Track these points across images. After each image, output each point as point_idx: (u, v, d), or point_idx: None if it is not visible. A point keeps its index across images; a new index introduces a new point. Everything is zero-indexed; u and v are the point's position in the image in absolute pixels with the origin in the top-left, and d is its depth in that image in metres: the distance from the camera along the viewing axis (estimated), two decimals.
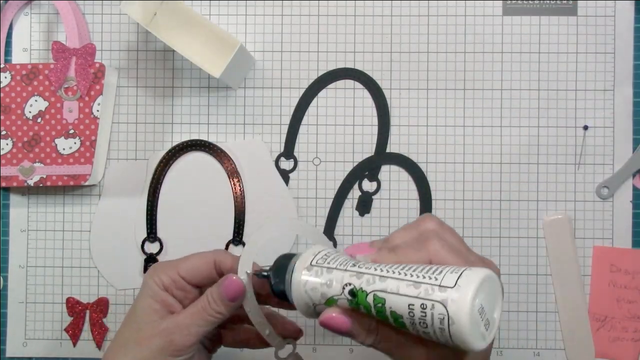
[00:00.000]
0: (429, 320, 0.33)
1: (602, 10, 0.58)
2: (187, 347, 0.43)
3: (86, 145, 0.56)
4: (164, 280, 0.45)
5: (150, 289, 0.45)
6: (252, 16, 0.59)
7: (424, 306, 0.33)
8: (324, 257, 0.39)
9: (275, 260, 0.42)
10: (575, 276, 0.57)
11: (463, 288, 0.32)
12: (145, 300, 0.45)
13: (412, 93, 0.58)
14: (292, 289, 0.39)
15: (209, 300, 0.44)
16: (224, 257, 0.46)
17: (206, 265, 0.46)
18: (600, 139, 0.58)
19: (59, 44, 0.56)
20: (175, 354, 0.43)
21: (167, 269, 0.45)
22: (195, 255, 0.46)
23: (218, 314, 0.44)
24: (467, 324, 0.32)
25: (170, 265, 0.46)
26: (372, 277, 0.36)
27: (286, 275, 0.40)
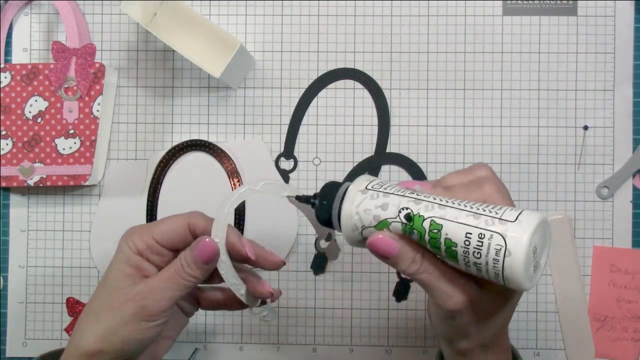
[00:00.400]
0: (485, 250, 0.34)
1: (602, 10, 0.58)
2: (161, 311, 0.43)
3: (86, 145, 0.56)
4: (138, 245, 0.44)
5: (123, 253, 0.44)
6: (252, 16, 0.59)
7: (482, 236, 0.34)
8: (380, 184, 0.39)
9: (322, 186, 0.41)
10: (575, 276, 0.57)
11: (524, 223, 0.33)
12: (119, 265, 0.44)
13: (412, 93, 0.58)
14: (342, 209, 0.39)
15: (182, 263, 0.43)
16: (197, 219, 0.45)
17: (180, 227, 0.45)
18: (600, 139, 0.58)
19: (59, 44, 0.56)
20: (148, 318, 0.42)
21: (142, 233, 0.44)
22: (169, 218, 0.45)
23: (192, 278, 0.43)
24: (522, 257, 0.33)
25: (144, 228, 0.45)
26: (430, 204, 0.36)
27: (336, 198, 0.39)
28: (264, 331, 0.58)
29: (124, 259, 0.44)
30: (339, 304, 0.58)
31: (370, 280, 0.58)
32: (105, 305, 0.43)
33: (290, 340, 0.58)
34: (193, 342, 0.59)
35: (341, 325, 0.58)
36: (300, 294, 0.58)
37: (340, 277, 0.58)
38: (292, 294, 0.58)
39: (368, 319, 0.58)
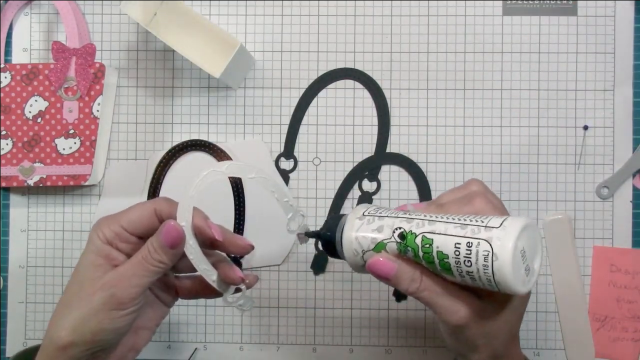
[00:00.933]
0: (474, 258, 0.35)
1: (602, 10, 0.58)
2: (131, 299, 0.42)
3: (86, 145, 0.56)
4: (107, 234, 0.44)
5: (92, 244, 0.44)
6: (252, 16, 0.59)
7: (470, 244, 0.35)
8: (376, 209, 0.41)
9: (325, 220, 0.44)
10: (575, 276, 0.57)
11: (508, 228, 0.35)
12: (88, 256, 0.44)
13: (412, 93, 0.58)
14: (343, 238, 0.41)
15: (149, 249, 0.43)
16: (163, 205, 0.45)
17: (147, 214, 0.45)
18: (600, 139, 0.58)
19: (59, 44, 0.56)
20: (119, 307, 0.42)
21: (110, 222, 0.44)
22: (136, 206, 0.45)
23: (160, 263, 0.43)
24: (509, 259, 0.34)
25: (112, 218, 0.45)
26: (421, 221, 0.38)
27: (337, 227, 0.42)
28: (264, 331, 0.58)
29: (93, 250, 0.44)
30: (339, 304, 0.58)
31: (370, 280, 0.58)
32: (75, 297, 0.43)
33: (290, 340, 0.58)
34: (193, 342, 0.59)
35: (341, 325, 0.58)
36: (300, 294, 0.58)
37: (340, 277, 0.58)
38: (292, 294, 0.58)
39: (368, 319, 0.58)
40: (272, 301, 0.58)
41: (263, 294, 0.58)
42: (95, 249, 0.44)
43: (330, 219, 0.44)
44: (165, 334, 0.59)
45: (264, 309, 0.59)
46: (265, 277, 0.59)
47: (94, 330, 0.42)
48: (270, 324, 0.58)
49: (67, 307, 0.43)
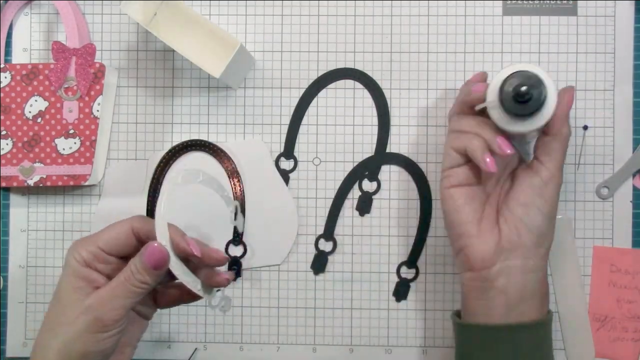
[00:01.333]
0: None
1: (602, 10, 0.58)
2: (115, 321, 0.42)
3: (86, 145, 0.56)
4: (84, 256, 0.44)
5: (70, 267, 0.44)
6: (252, 16, 0.59)
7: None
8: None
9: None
10: (575, 276, 0.57)
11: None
12: (67, 279, 0.44)
13: (412, 93, 0.58)
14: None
15: (132, 270, 0.43)
16: (139, 223, 0.45)
17: (124, 233, 0.45)
18: (600, 139, 0.58)
19: (59, 44, 0.56)
20: (103, 329, 0.42)
21: (86, 244, 0.44)
22: (112, 225, 0.45)
23: (143, 284, 0.43)
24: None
25: (89, 239, 0.45)
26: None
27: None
28: (264, 331, 0.58)
29: (71, 272, 0.44)
30: (339, 304, 0.58)
31: (370, 280, 0.58)
32: (59, 321, 0.43)
33: (290, 340, 0.58)
34: (193, 342, 0.59)
35: (341, 325, 0.58)
36: (300, 294, 0.58)
37: (340, 277, 0.58)
38: (292, 294, 0.58)
39: (368, 319, 0.58)
40: (272, 301, 0.58)
41: (263, 294, 0.58)
42: (73, 271, 0.44)
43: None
44: (166, 334, 0.59)
45: (264, 309, 0.59)
46: (265, 277, 0.59)
47: (81, 354, 0.42)
48: (270, 324, 0.58)
49: (51, 331, 0.43)
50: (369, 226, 0.58)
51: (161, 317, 0.59)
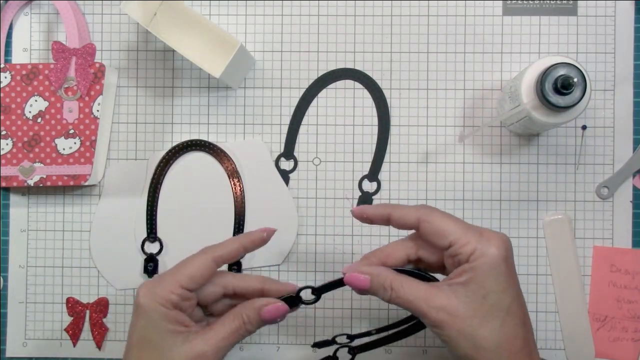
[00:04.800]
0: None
1: (602, 10, 0.58)
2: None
3: (86, 145, 0.56)
4: (173, 299, 0.44)
5: (158, 312, 0.44)
6: (252, 16, 0.59)
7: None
8: None
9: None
10: (575, 276, 0.57)
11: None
12: (161, 324, 0.43)
13: (412, 93, 0.58)
14: None
15: (244, 321, 0.45)
16: (220, 251, 0.46)
17: (206, 267, 0.45)
18: (600, 139, 0.58)
19: (59, 44, 0.56)
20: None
21: (167, 285, 0.44)
22: (190, 261, 0.46)
23: (249, 333, 0.45)
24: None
25: (166, 280, 0.45)
26: None
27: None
28: (264, 331, 0.58)
29: (161, 317, 0.44)
30: (339, 304, 0.58)
31: None
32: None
33: (290, 341, 0.58)
34: None
35: (341, 325, 0.58)
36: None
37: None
38: None
39: (368, 319, 0.58)
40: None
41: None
42: (163, 316, 0.43)
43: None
44: None
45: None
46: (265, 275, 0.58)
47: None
48: (270, 324, 0.58)
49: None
50: (369, 226, 0.58)
51: None
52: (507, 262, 0.42)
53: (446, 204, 0.58)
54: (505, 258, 0.42)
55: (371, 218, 0.47)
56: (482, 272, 0.41)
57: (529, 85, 0.48)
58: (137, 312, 0.44)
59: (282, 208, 0.58)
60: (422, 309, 0.42)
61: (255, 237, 0.48)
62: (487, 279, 0.41)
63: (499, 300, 0.41)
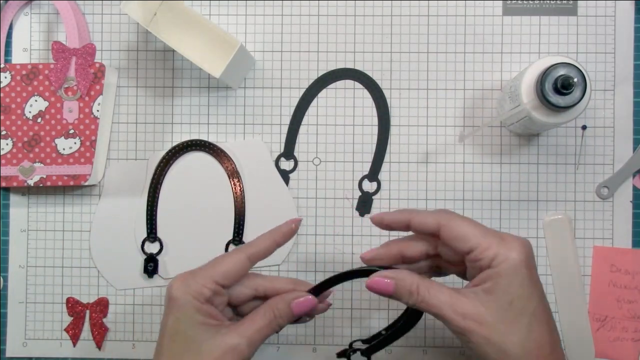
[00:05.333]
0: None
1: (602, 10, 0.58)
2: (250, 358, 0.44)
3: (86, 145, 0.56)
4: (206, 293, 0.44)
5: (192, 305, 0.44)
6: (252, 16, 0.59)
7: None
8: None
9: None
10: (575, 276, 0.57)
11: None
12: (193, 317, 0.44)
13: (412, 93, 0.58)
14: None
15: (275, 314, 0.45)
16: (254, 249, 0.47)
17: (241, 264, 0.46)
18: (600, 139, 0.58)
19: (59, 44, 0.56)
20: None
21: (201, 279, 0.45)
22: (226, 258, 0.46)
23: (280, 327, 0.45)
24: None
25: (201, 275, 0.45)
26: None
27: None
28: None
29: (194, 310, 0.44)
30: (339, 304, 0.58)
31: None
32: (192, 358, 0.43)
33: (290, 340, 0.58)
34: None
35: (341, 325, 0.58)
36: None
37: None
38: None
39: (368, 319, 0.58)
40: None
41: None
42: (195, 309, 0.44)
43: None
44: None
45: None
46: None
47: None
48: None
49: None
50: (369, 226, 0.58)
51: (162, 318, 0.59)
52: (530, 266, 0.42)
53: (446, 204, 0.58)
54: (527, 262, 0.41)
55: (391, 225, 0.46)
56: (505, 277, 0.41)
57: (529, 85, 0.48)
58: (170, 305, 0.45)
59: (282, 208, 0.58)
60: (448, 315, 0.41)
61: (285, 230, 0.48)
62: (512, 284, 0.41)
63: (525, 305, 0.41)
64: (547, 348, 0.41)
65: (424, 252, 0.46)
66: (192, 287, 0.44)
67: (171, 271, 0.58)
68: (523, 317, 0.41)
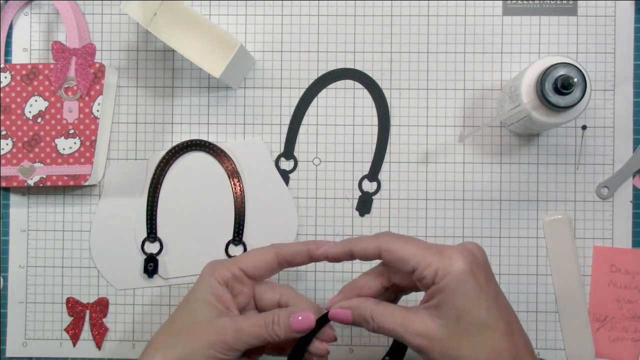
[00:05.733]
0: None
1: (602, 10, 0.58)
2: (235, 350, 0.44)
3: (86, 145, 0.56)
4: (224, 275, 0.46)
5: (207, 283, 0.46)
6: (252, 16, 0.59)
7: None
8: None
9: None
10: (575, 276, 0.57)
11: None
12: (204, 293, 0.46)
13: (412, 93, 0.58)
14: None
15: (274, 319, 0.45)
16: (286, 250, 0.48)
17: (269, 261, 0.47)
18: (600, 139, 0.58)
19: (59, 44, 0.56)
20: (222, 352, 0.44)
21: (228, 265, 0.47)
22: (257, 252, 0.48)
23: (275, 336, 0.45)
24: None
25: (230, 261, 0.47)
26: None
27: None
28: None
29: (209, 288, 0.46)
30: None
31: None
32: (186, 329, 0.45)
33: None
34: None
35: (341, 325, 0.58)
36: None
37: (340, 277, 0.58)
38: None
39: None
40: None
41: None
42: (211, 288, 0.46)
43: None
44: None
45: None
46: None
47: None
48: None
49: (176, 336, 0.45)
50: (369, 226, 0.58)
51: (162, 318, 0.59)
52: (475, 274, 0.41)
53: (446, 204, 0.58)
54: (471, 271, 0.41)
55: (336, 258, 0.47)
56: (448, 292, 0.41)
57: (529, 85, 0.48)
58: (196, 282, 0.47)
59: (282, 208, 0.58)
60: (402, 336, 0.42)
61: (320, 244, 0.47)
62: (456, 297, 0.41)
63: (474, 316, 0.41)
64: (506, 355, 0.41)
65: (380, 288, 0.46)
66: (217, 268, 0.47)
67: (171, 271, 0.58)
68: (473, 327, 0.41)
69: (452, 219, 0.58)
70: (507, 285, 0.58)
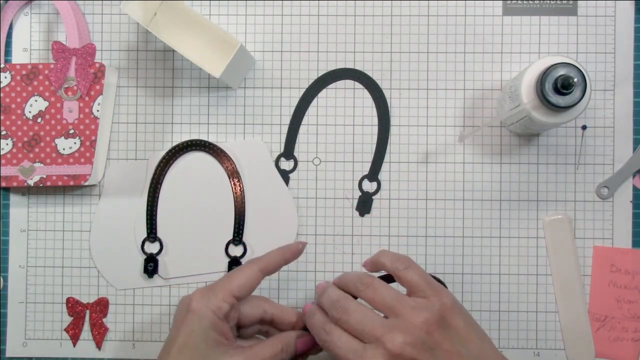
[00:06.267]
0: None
1: (602, 10, 0.58)
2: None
3: (86, 145, 0.56)
4: (224, 308, 0.45)
5: (210, 321, 0.45)
6: (252, 16, 0.59)
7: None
8: None
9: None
10: (575, 276, 0.57)
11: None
12: (208, 332, 0.44)
13: (412, 93, 0.58)
14: None
15: (282, 348, 0.46)
16: (266, 264, 0.49)
17: (254, 278, 0.48)
18: (600, 139, 0.58)
19: (59, 44, 0.56)
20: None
21: (222, 295, 0.46)
22: (239, 271, 0.48)
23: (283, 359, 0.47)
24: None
25: (219, 288, 0.46)
26: None
27: None
28: None
29: (210, 325, 0.45)
30: None
31: None
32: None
33: None
34: None
35: None
36: (301, 294, 0.58)
37: None
38: (292, 294, 0.58)
39: None
40: (273, 301, 0.58)
41: (263, 294, 0.58)
42: (212, 324, 0.45)
43: None
44: (166, 333, 0.59)
45: None
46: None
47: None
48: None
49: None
50: (369, 226, 0.58)
51: (162, 318, 0.59)
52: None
53: (446, 203, 0.58)
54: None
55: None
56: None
57: (529, 85, 0.48)
58: (188, 317, 0.45)
59: (282, 208, 0.58)
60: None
61: (293, 248, 0.52)
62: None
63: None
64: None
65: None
66: (212, 301, 0.45)
67: (171, 271, 0.58)
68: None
69: (452, 219, 0.58)
70: (507, 285, 0.58)
